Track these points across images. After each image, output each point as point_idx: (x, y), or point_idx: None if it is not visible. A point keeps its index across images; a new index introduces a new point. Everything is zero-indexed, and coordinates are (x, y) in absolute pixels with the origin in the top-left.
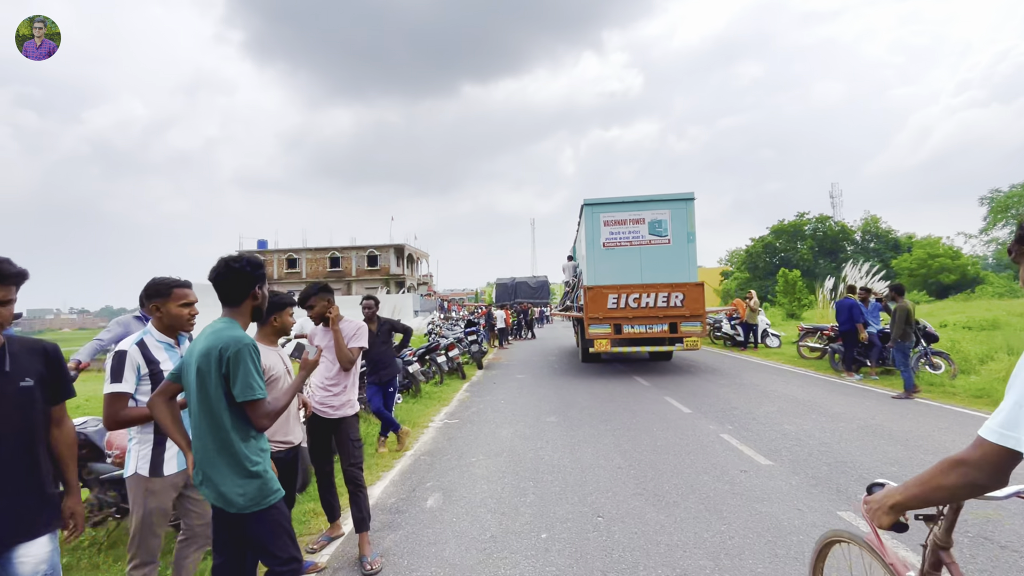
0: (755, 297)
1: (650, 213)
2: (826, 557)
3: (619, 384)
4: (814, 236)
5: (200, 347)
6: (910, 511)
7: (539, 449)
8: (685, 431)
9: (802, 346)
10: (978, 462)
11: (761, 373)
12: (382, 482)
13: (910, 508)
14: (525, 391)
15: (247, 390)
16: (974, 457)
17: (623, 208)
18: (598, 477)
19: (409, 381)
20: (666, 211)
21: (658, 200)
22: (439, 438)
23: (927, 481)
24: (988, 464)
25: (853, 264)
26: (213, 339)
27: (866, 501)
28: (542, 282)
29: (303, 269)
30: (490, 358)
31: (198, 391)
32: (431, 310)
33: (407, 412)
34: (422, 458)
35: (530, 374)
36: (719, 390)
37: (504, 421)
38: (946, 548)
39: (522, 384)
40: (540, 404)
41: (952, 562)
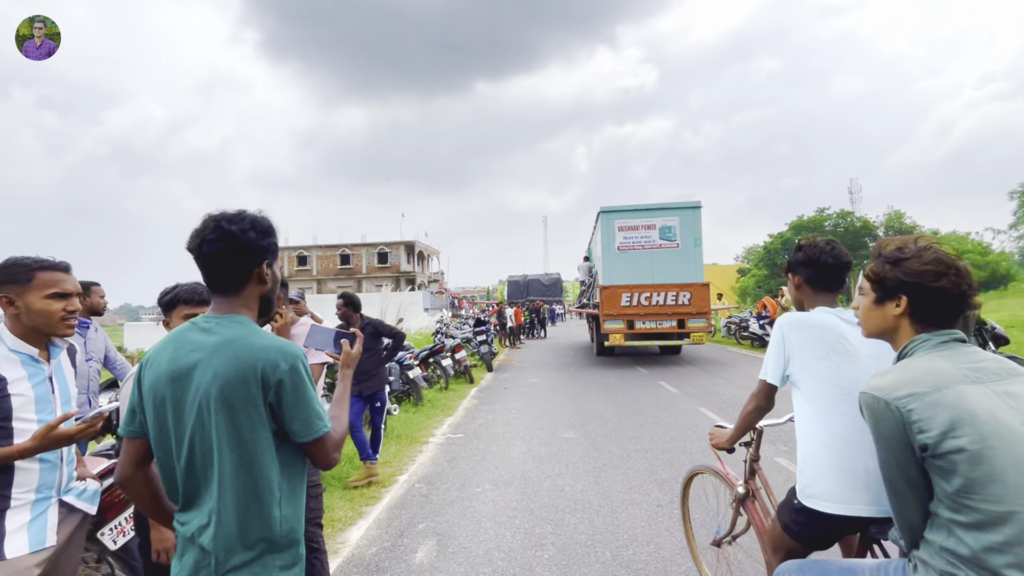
0: (787, 295)
1: (660, 220)
2: (689, 488)
3: (644, 390)
4: (835, 232)
5: (211, 367)
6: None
7: (557, 476)
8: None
9: None
10: (759, 394)
11: None
12: (364, 521)
13: (738, 438)
14: (539, 398)
15: (315, 422)
16: (758, 392)
17: (636, 215)
18: (634, 520)
19: (409, 388)
20: (675, 218)
21: (668, 208)
22: (439, 458)
23: (742, 417)
24: (763, 394)
25: None
26: (239, 352)
27: (712, 435)
28: (555, 279)
29: (313, 266)
30: (501, 359)
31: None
32: (442, 308)
33: (406, 424)
34: (416, 487)
35: (544, 377)
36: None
37: (516, 436)
38: (756, 461)
39: (535, 389)
40: (556, 415)
41: (759, 470)
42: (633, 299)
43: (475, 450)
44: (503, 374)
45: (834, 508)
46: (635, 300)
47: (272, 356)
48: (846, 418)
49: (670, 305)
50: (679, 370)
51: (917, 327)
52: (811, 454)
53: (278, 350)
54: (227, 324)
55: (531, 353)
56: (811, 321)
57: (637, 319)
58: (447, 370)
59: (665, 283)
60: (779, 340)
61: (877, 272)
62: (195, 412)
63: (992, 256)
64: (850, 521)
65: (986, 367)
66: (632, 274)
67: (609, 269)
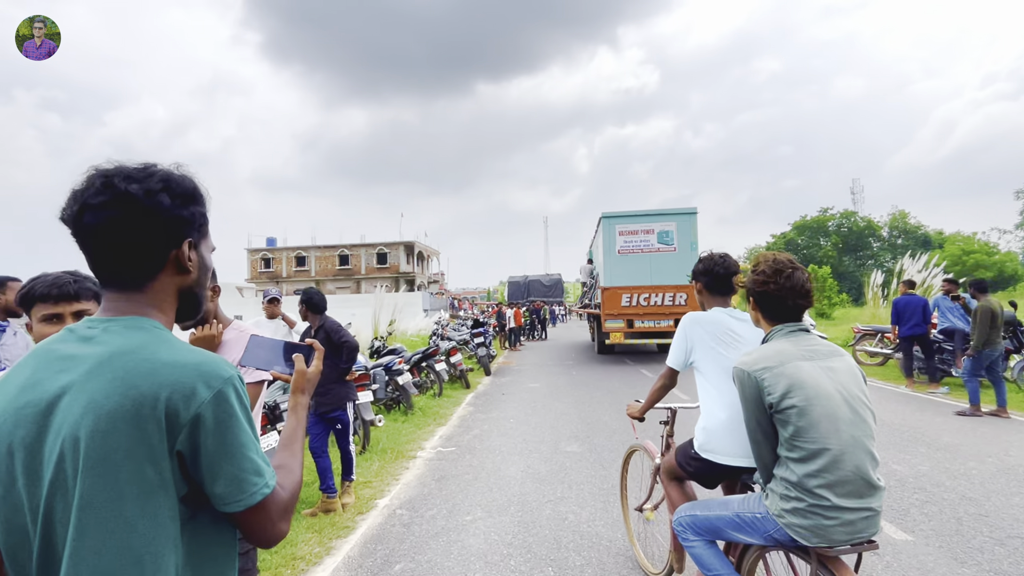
0: None
1: (659, 225)
2: (628, 463)
3: None
4: (838, 232)
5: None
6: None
7: (560, 500)
8: None
9: (859, 350)
10: (665, 376)
11: None
12: (332, 559)
13: (647, 409)
14: (539, 405)
15: (250, 480)
16: (664, 374)
17: (635, 220)
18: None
19: (399, 395)
20: (672, 223)
21: (666, 214)
22: (427, 477)
23: (652, 392)
24: (668, 376)
25: (911, 257)
26: (131, 373)
27: (628, 407)
28: (556, 280)
29: (312, 267)
30: (500, 362)
31: (84, 510)
32: (441, 309)
33: (393, 435)
34: (398, 513)
35: (544, 382)
36: None
37: (513, 450)
38: (671, 436)
39: (535, 396)
40: (558, 424)
41: (673, 444)
42: (633, 300)
43: (467, 467)
44: (501, 378)
45: (725, 460)
46: (635, 300)
47: (186, 379)
48: (732, 393)
49: (668, 305)
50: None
51: (770, 321)
52: (709, 420)
53: (197, 369)
54: (119, 331)
55: (531, 355)
56: (707, 319)
57: (636, 318)
58: (441, 375)
59: (663, 284)
60: (683, 335)
61: (742, 283)
62: (52, 469)
63: (999, 256)
64: (732, 469)
65: (818, 349)
66: (632, 276)
67: (610, 271)
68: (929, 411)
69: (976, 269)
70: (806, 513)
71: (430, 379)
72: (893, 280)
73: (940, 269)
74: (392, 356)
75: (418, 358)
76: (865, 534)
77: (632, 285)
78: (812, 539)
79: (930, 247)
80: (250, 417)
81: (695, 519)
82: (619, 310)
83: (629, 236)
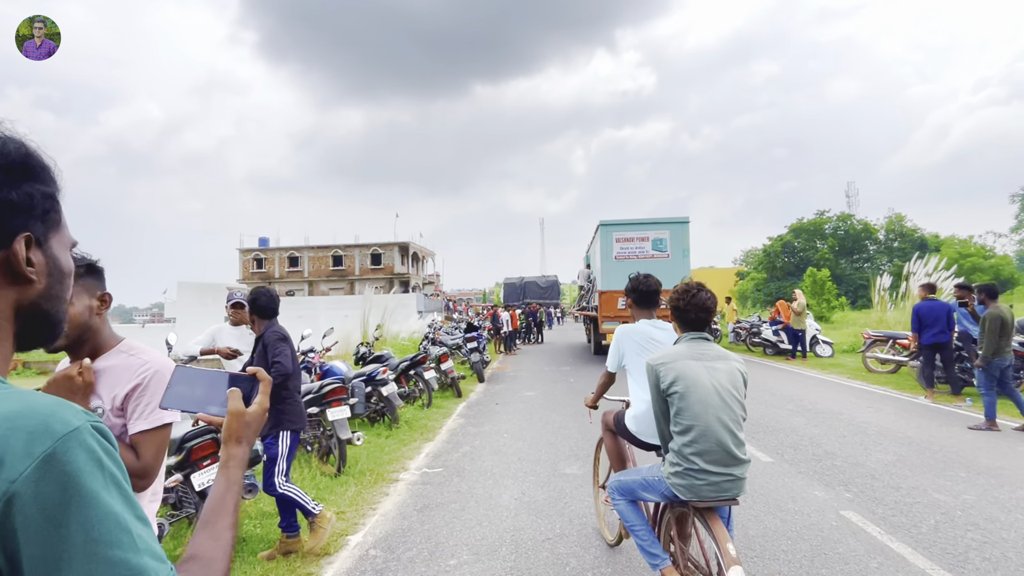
0: (801, 298)
1: (653, 232)
2: (600, 449)
3: None
4: (835, 235)
5: None
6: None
7: (559, 539)
8: (772, 494)
9: (869, 357)
10: (603, 376)
11: (831, 393)
12: None
13: (596, 400)
14: (535, 417)
15: None
16: (603, 375)
17: (631, 228)
18: None
19: (384, 407)
20: (666, 231)
21: (660, 223)
22: (408, 507)
23: (597, 388)
24: (606, 376)
25: (920, 259)
26: None
27: (585, 398)
28: (552, 282)
29: (305, 268)
30: (494, 367)
31: None
32: (436, 311)
33: (374, 453)
34: (371, 554)
35: (540, 390)
36: (793, 420)
37: (506, 472)
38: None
39: (531, 406)
40: (555, 440)
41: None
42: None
43: (455, 493)
44: (496, 385)
45: (646, 439)
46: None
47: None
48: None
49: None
50: None
51: (681, 329)
52: (636, 409)
53: (10, 424)
54: None
55: (527, 360)
56: (634, 329)
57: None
58: (430, 384)
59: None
60: (616, 344)
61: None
62: None
63: (995, 260)
64: (652, 445)
65: (707, 353)
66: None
67: (607, 276)
68: (956, 426)
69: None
70: (683, 475)
71: (419, 388)
72: (902, 283)
73: (951, 273)
74: (376, 364)
75: (405, 366)
76: (729, 494)
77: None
78: (688, 495)
79: (927, 250)
80: (123, 485)
81: (619, 483)
82: (615, 312)
83: (625, 243)
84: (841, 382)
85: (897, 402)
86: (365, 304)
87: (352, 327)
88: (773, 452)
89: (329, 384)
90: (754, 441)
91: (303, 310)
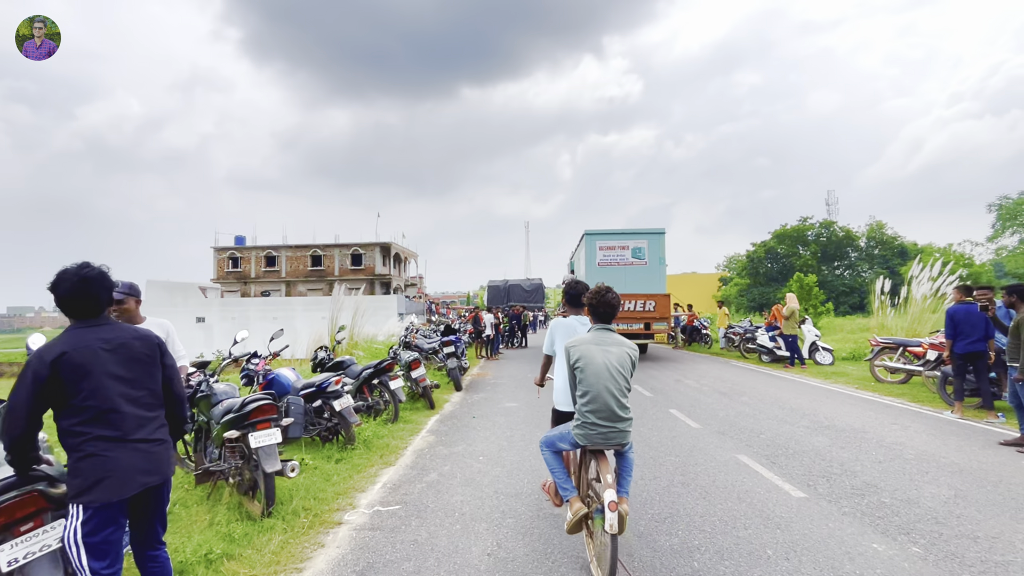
0: (792, 302)
1: (632, 242)
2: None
3: (654, 423)
4: (818, 241)
5: None
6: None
7: None
8: (819, 546)
9: (877, 366)
10: (545, 359)
11: (845, 406)
12: None
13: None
14: (516, 435)
15: None
16: (544, 357)
17: (613, 238)
18: None
19: (338, 424)
20: (644, 241)
21: (639, 233)
22: (345, 569)
23: (541, 369)
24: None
25: (920, 263)
26: None
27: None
28: (537, 285)
29: (282, 267)
30: (474, 374)
31: None
32: (418, 313)
33: (318, 484)
34: None
35: (523, 401)
36: (814, 440)
37: (479, 511)
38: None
39: (512, 419)
40: (541, 465)
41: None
42: None
43: (410, 544)
44: (474, 395)
45: (564, 408)
46: None
47: None
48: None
49: (639, 311)
50: (691, 395)
51: (594, 321)
52: (557, 383)
53: None
54: None
55: (510, 366)
56: (564, 323)
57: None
58: (397, 394)
59: (635, 293)
60: (550, 332)
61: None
62: None
63: (976, 267)
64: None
65: (606, 340)
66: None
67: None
68: (1004, 452)
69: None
70: (582, 427)
71: (383, 400)
72: (903, 287)
73: (955, 276)
74: (329, 374)
75: (368, 374)
76: (614, 441)
77: None
78: (584, 441)
79: (907, 258)
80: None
81: (546, 438)
82: None
83: (607, 251)
84: (850, 393)
85: (922, 417)
86: (334, 305)
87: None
88: (803, 484)
89: (254, 402)
90: (777, 467)
91: (278, 311)
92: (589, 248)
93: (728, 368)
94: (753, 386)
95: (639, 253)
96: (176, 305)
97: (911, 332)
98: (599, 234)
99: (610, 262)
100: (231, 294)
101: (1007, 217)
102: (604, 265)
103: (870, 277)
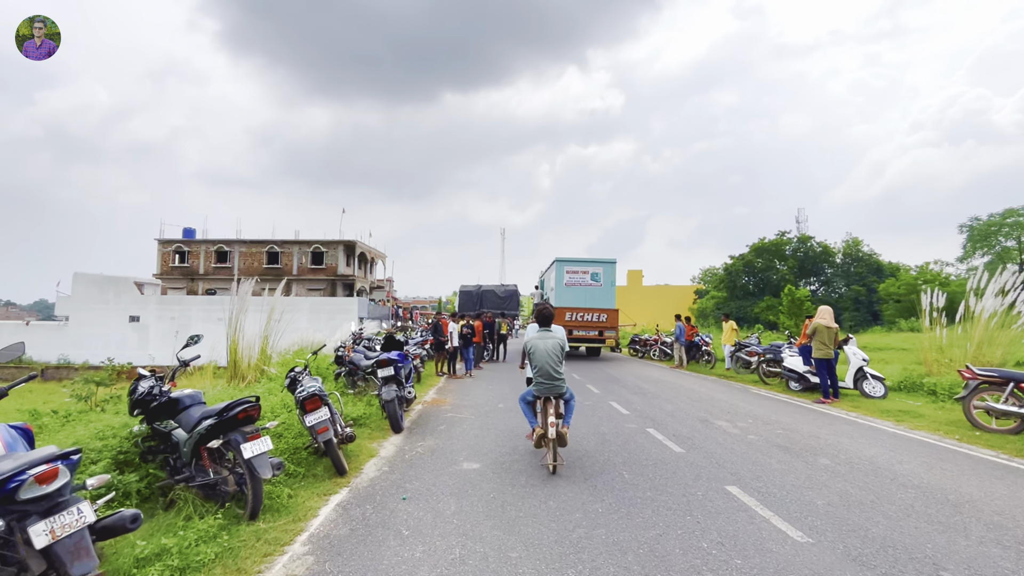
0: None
1: (592, 268)
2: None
3: (705, 507)
4: (795, 256)
5: None
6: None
7: None
8: None
9: (976, 408)
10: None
11: (967, 476)
12: None
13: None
14: (476, 546)
15: None
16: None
17: (577, 264)
18: None
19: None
20: (600, 268)
21: (596, 261)
22: None
23: (522, 357)
24: (522, 353)
25: (988, 271)
26: None
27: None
28: (511, 292)
29: (235, 264)
30: (428, 400)
31: None
32: (383, 318)
33: None
34: None
35: (491, 454)
36: (910, 525)
37: None
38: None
39: (471, 502)
40: None
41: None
42: (573, 316)
43: None
44: (419, 440)
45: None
46: (573, 317)
47: None
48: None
49: (594, 321)
50: (742, 451)
51: (538, 325)
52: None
53: None
54: None
55: (477, 388)
56: (533, 328)
57: (575, 329)
58: (255, 467)
59: (592, 307)
60: (526, 339)
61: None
62: None
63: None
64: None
65: (546, 335)
66: (573, 300)
67: (560, 296)
68: None
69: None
70: (536, 385)
71: (237, 474)
72: (962, 302)
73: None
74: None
75: (208, 429)
76: (555, 391)
77: (573, 306)
78: (538, 392)
79: (883, 276)
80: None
81: (521, 397)
82: (564, 323)
83: (572, 274)
84: (947, 446)
85: None
86: (236, 304)
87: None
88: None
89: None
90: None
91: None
92: (559, 271)
93: (759, 401)
94: (814, 434)
95: (596, 277)
96: (107, 302)
97: (978, 357)
98: (567, 261)
99: (574, 283)
100: (176, 291)
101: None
102: (570, 285)
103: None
